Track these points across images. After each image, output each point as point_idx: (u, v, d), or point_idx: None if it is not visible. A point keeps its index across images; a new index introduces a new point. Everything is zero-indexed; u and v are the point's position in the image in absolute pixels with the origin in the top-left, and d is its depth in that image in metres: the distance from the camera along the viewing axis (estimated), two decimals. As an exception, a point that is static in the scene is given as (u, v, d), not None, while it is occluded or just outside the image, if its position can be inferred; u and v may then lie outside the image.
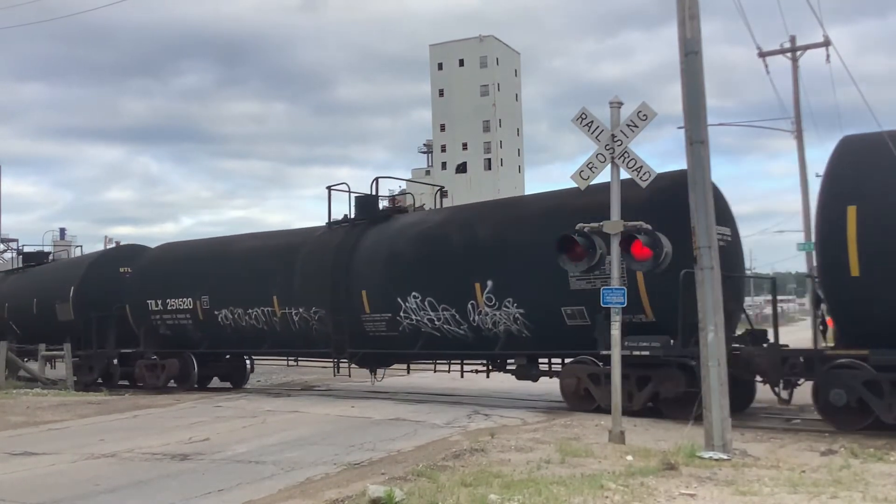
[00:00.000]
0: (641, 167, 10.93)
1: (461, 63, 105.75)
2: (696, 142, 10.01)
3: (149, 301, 21.77)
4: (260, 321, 19.47)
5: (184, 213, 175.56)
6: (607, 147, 11.07)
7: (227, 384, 22.47)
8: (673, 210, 12.06)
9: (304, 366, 22.77)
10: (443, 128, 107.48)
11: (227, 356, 22.38)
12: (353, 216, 18.98)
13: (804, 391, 15.86)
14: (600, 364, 14.00)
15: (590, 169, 11.32)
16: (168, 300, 21.34)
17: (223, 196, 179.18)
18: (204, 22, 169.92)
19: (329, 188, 19.45)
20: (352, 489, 8.19)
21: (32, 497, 8.61)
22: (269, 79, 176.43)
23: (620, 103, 11.21)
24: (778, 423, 13.20)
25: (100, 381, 23.36)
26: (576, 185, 11.59)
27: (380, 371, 19.00)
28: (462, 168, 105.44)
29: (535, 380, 15.88)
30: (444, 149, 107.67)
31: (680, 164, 11.98)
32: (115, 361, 23.28)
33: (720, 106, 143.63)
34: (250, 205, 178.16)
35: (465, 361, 17.31)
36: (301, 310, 18.55)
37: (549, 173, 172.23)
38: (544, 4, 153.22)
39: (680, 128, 11.35)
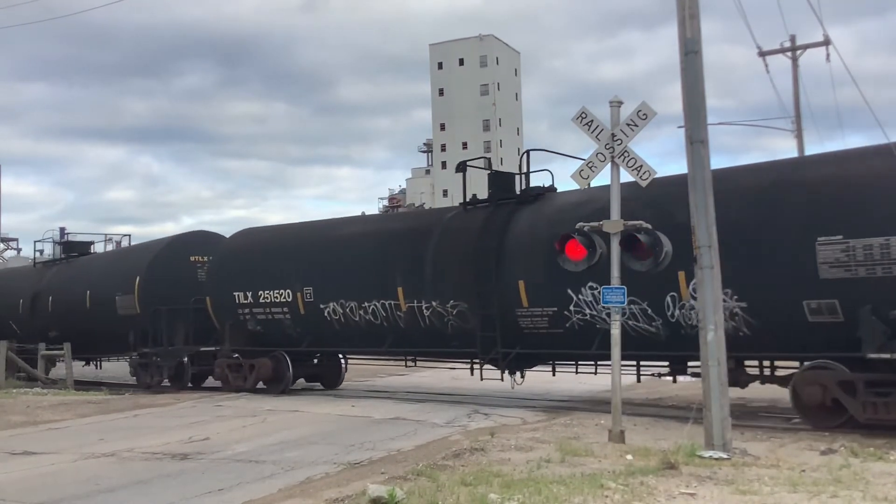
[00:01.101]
0: (641, 166, 10.94)
1: (461, 62, 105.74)
2: (697, 141, 10.01)
3: (236, 293, 19.55)
4: (378, 316, 17.06)
5: (184, 212, 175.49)
6: (607, 146, 11.07)
7: (317, 385, 20.64)
8: None
9: (422, 366, 20.47)
10: (443, 127, 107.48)
11: (317, 355, 20.32)
12: (474, 198, 16.70)
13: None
14: (852, 370, 11.68)
15: (590, 168, 11.32)
16: (261, 292, 19.08)
17: (224, 196, 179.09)
18: (205, 22, 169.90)
19: (464, 164, 17.06)
20: (352, 489, 8.19)
21: (32, 497, 8.62)
22: (269, 79, 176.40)
23: (620, 102, 11.21)
24: (778, 422, 13.19)
25: (166, 382, 21.50)
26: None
27: (380, 370, 18.89)
28: (462, 169, 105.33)
29: (744, 386, 13.58)
30: (443, 148, 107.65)
31: (680, 163, 11.96)
32: (186, 360, 21.30)
33: (720, 106, 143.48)
34: (251, 205, 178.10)
35: (643, 364, 14.89)
36: (434, 303, 16.11)
37: (550, 174, 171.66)
38: (544, 5, 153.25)
39: (680, 127, 11.36)
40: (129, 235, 28.42)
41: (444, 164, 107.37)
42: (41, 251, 31.98)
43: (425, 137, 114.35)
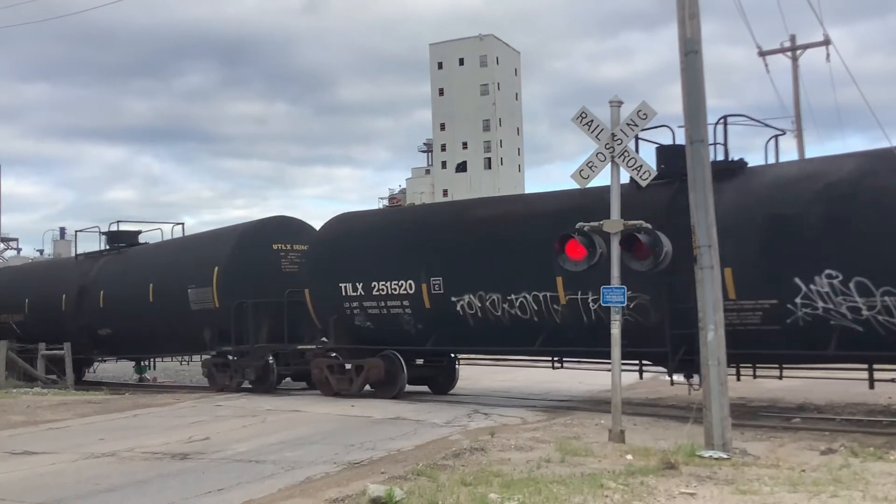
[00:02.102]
0: (641, 166, 10.94)
1: (461, 62, 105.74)
2: (697, 141, 10.01)
3: (343, 285, 17.24)
4: (528, 310, 14.77)
5: (185, 212, 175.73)
6: (607, 146, 11.07)
7: (423, 388, 18.39)
8: None
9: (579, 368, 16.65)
10: (443, 127, 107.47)
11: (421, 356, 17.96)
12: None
13: (806, 390, 15.90)
14: None
15: (590, 168, 11.32)
16: (374, 284, 16.76)
17: (224, 196, 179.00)
18: (206, 23, 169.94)
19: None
20: (352, 488, 8.19)
21: (32, 497, 8.62)
22: (271, 79, 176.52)
23: (620, 102, 11.21)
24: (778, 422, 13.19)
25: (247, 383, 19.39)
26: None
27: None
28: (462, 167, 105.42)
29: None
30: (444, 148, 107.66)
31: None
32: (271, 361, 19.11)
33: (720, 105, 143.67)
34: (251, 204, 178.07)
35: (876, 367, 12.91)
36: None
37: (550, 173, 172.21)
38: (545, 6, 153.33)
39: (680, 127, 11.35)
40: (183, 224, 25.51)
41: (444, 164, 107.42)
42: (41, 251, 31.82)
43: (425, 137, 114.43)
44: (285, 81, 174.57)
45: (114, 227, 25.43)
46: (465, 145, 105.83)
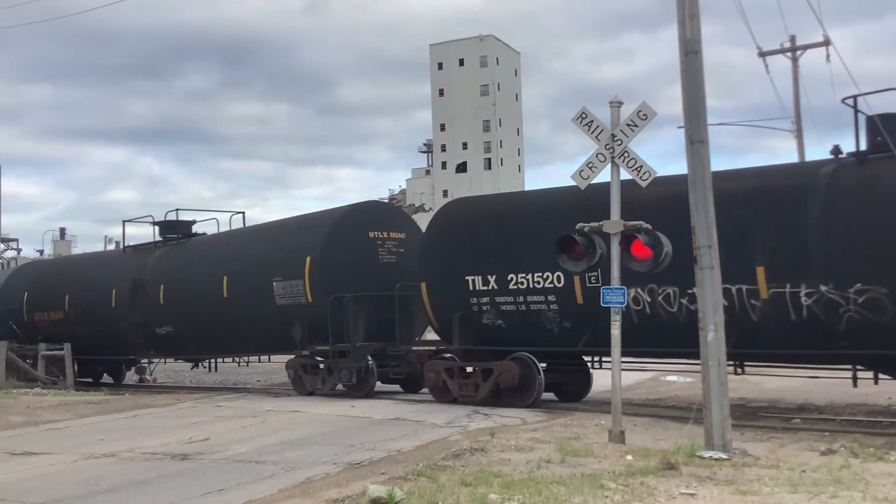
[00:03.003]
0: (641, 167, 10.93)
1: (461, 63, 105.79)
2: (697, 141, 10.01)
3: (470, 278, 15.25)
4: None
5: (185, 213, 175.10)
6: (607, 146, 11.06)
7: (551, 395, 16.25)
8: None
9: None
10: (443, 127, 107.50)
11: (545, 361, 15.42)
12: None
13: (806, 391, 15.88)
14: None
15: (590, 168, 11.32)
16: (511, 276, 14.77)
17: (225, 196, 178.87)
18: (208, 24, 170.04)
19: (853, 98, 12.65)
20: (352, 489, 8.19)
21: (32, 497, 8.62)
22: (272, 80, 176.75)
23: (620, 103, 11.21)
24: (778, 422, 13.19)
25: (340, 386, 17.70)
26: None
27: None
28: (462, 167, 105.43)
29: None
30: (444, 148, 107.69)
31: (680, 164, 11.93)
32: (371, 362, 17.21)
33: (720, 106, 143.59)
34: (252, 205, 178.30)
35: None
36: (824, 287, 11.87)
37: (550, 173, 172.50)
38: (545, 7, 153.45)
39: (680, 127, 11.34)
40: (244, 213, 23.22)
41: (444, 165, 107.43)
42: (41, 251, 31.53)
43: (426, 138, 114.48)
44: (286, 82, 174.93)
45: (163, 218, 23.51)
46: (465, 146, 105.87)
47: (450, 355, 15.86)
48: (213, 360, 23.15)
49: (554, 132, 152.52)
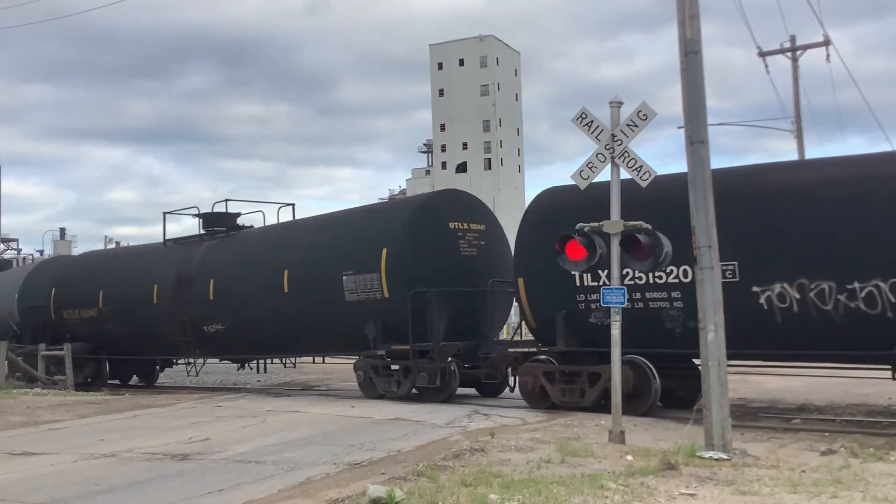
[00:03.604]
0: (641, 167, 10.93)
1: (461, 63, 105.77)
2: (697, 142, 10.02)
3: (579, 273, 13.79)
4: (881, 303, 11.61)
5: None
6: (607, 147, 11.07)
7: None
8: None
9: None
10: (443, 127, 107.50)
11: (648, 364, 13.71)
12: None
13: (806, 391, 15.89)
14: None
15: (590, 168, 11.33)
16: (627, 270, 12.76)
17: (225, 196, 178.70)
18: (208, 24, 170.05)
19: None
20: (352, 489, 8.19)
21: (32, 497, 8.61)
22: (272, 80, 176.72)
23: (620, 103, 11.21)
24: (778, 422, 13.19)
25: (413, 389, 16.34)
26: None
27: None
28: (462, 168, 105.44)
29: None
30: (444, 148, 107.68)
31: (680, 164, 11.93)
32: (452, 364, 15.96)
33: (720, 107, 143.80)
34: (252, 206, 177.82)
35: None
36: None
37: (550, 174, 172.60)
38: (545, 7, 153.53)
39: (680, 128, 11.35)
40: (294, 205, 21.78)
41: (444, 165, 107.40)
42: (41, 251, 31.16)
43: (426, 138, 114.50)
44: (286, 82, 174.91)
45: (209, 210, 22.27)
46: (465, 146, 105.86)
47: (545, 357, 14.61)
48: (262, 361, 21.48)
49: (554, 132, 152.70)
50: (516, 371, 15.23)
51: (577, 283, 14.06)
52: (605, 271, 12.90)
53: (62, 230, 76.58)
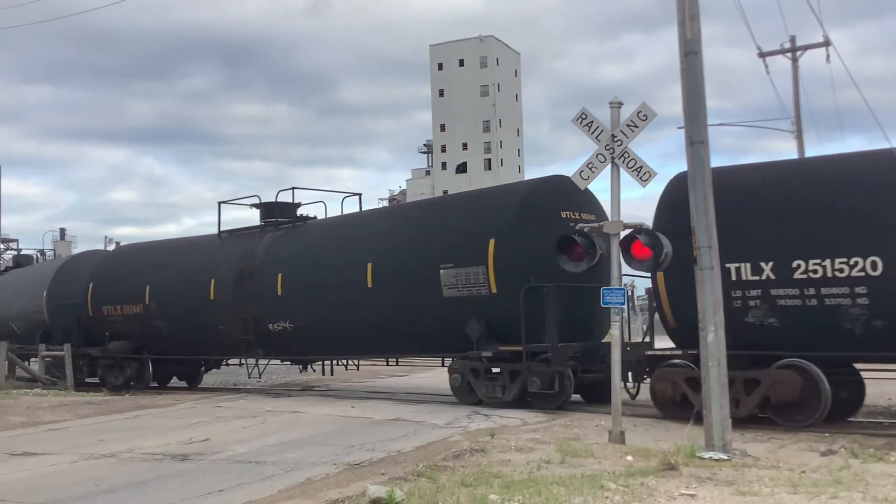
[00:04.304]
0: (641, 167, 10.94)
1: (461, 63, 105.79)
2: (697, 142, 10.02)
3: (733, 265, 12.29)
4: None
5: (186, 213, 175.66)
6: (607, 147, 11.07)
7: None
8: None
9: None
10: (443, 128, 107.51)
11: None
12: None
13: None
14: None
15: (590, 169, 11.33)
16: (798, 262, 11.97)
17: (225, 197, 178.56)
18: (209, 25, 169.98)
19: None
20: (352, 489, 8.18)
21: (32, 497, 8.61)
22: (273, 81, 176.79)
23: (620, 103, 11.21)
24: (778, 423, 13.17)
25: (523, 399, 14.82)
26: None
27: (380, 370, 17.90)
28: (462, 168, 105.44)
29: None
30: (444, 149, 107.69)
31: (680, 164, 11.93)
32: (569, 367, 14.37)
33: (720, 107, 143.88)
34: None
35: None
36: None
37: (550, 174, 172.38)
38: (546, 8, 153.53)
39: (680, 128, 11.35)
40: (361, 195, 20.42)
41: (444, 165, 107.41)
42: (42, 251, 30.81)
43: (426, 138, 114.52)
44: (287, 83, 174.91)
45: (269, 199, 20.85)
46: (465, 146, 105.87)
47: (681, 361, 13.10)
48: (330, 362, 19.52)
49: (554, 133, 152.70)
50: (649, 377, 13.74)
51: (733, 278, 12.36)
52: (772, 262, 12.22)
53: (62, 230, 76.58)
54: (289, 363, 21.25)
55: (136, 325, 21.88)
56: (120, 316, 22.29)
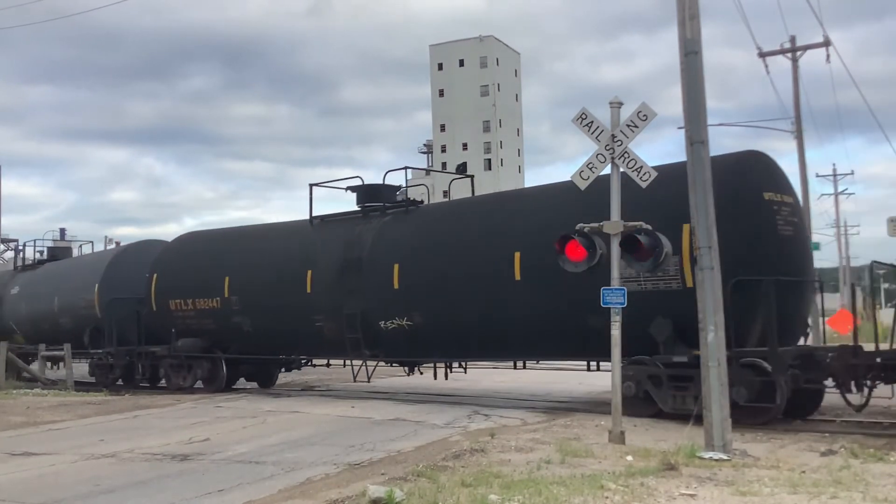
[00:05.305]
0: (641, 167, 10.93)
1: (461, 63, 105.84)
2: (697, 142, 10.02)
3: None
4: None
5: (186, 213, 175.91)
6: (607, 147, 11.06)
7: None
8: None
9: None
10: (443, 128, 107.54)
11: None
12: None
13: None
14: None
15: (590, 169, 11.32)
16: None
17: (226, 197, 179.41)
18: (211, 26, 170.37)
19: None
20: (352, 489, 8.18)
21: (32, 497, 8.61)
22: (274, 81, 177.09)
23: (620, 103, 11.21)
24: (778, 423, 13.17)
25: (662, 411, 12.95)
26: None
27: (379, 370, 17.13)
28: (462, 168, 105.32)
29: None
30: (444, 149, 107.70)
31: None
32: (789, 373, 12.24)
33: (720, 107, 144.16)
34: (253, 206, 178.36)
35: None
36: None
37: (550, 174, 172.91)
38: (546, 9, 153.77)
39: (680, 128, 11.34)
40: (473, 176, 19.05)
41: (444, 165, 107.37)
42: (42, 251, 30.02)
43: (426, 139, 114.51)
44: (288, 83, 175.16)
45: (355, 183, 19.16)
46: (465, 146, 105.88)
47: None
48: (445, 366, 17.46)
49: (554, 133, 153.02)
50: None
51: None
52: None
53: (62, 230, 76.38)
54: (395, 365, 18.93)
55: (211, 321, 19.89)
56: (191, 311, 20.25)
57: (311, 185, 19.29)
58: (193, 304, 20.15)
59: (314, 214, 19.04)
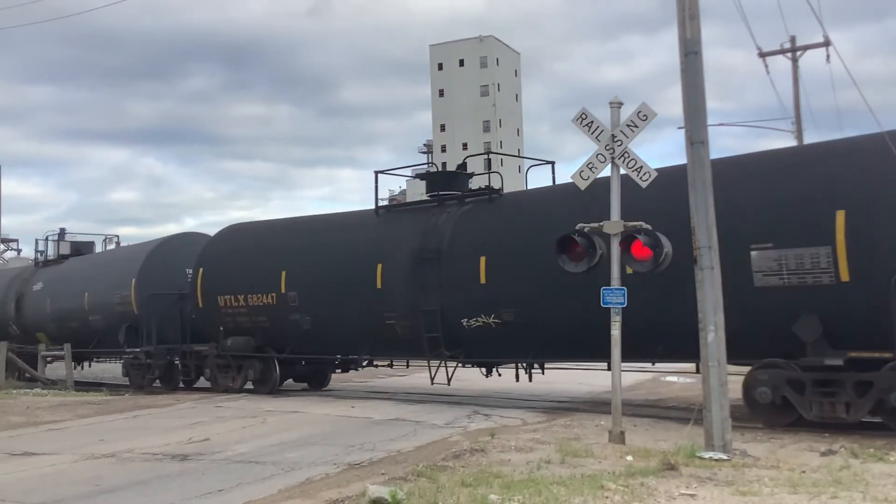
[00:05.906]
0: (641, 167, 10.93)
1: (461, 63, 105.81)
2: (697, 142, 10.01)
3: None
4: None
5: (187, 213, 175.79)
6: (607, 147, 11.07)
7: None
8: None
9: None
10: (443, 128, 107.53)
11: None
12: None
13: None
14: None
15: (590, 169, 11.32)
16: None
17: (227, 197, 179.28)
18: (212, 26, 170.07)
19: None
20: (352, 489, 8.19)
21: (32, 497, 8.62)
22: (274, 82, 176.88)
23: (620, 104, 11.21)
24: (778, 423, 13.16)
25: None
26: None
27: (379, 370, 17.14)
28: (462, 168, 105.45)
29: None
30: (443, 149, 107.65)
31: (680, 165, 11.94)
32: None
33: (720, 108, 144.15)
34: (253, 206, 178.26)
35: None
36: None
37: (551, 175, 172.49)
38: (546, 9, 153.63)
39: (680, 128, 11.33)
40: (554, 163, 17.19)
41: (444, 165, 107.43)
42: (42, 251, 29.47)
43: (426, 139, 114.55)
44: (289, 84, 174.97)
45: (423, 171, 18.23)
46: (465, 146, 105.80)
47: None
48: (526, 368, 16.01)
49: (554, 133, 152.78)
50: None
51: None
52: None
53: (62, 230, 76.48)
54: (470, 366, 17.08)
55: (265, 319, 18.61)
56: (242, 307, 18.94)
57: (376, 173, 18.30)
58: (245, 300, 18.90)
59: (378, 205, 18.01)
